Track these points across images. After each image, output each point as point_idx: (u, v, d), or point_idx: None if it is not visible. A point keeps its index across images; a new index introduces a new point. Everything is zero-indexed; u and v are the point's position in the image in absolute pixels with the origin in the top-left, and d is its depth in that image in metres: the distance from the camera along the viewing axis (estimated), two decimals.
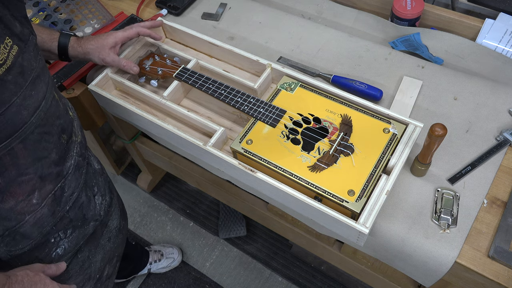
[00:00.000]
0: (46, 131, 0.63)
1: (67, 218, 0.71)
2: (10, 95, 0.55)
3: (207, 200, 1.71)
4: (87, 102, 1.05)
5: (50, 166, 0.65)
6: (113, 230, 0.88)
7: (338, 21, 1.15)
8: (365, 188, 0.75)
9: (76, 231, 0.74)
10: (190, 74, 0.94)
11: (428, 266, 0.77)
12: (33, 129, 0.60)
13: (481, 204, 0.79)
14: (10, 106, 0.55)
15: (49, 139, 0.64)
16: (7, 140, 0.56)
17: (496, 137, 0.86)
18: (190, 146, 0.89)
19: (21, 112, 0.57)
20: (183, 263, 1.57)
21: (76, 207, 0.73)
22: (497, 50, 1.01)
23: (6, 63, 0.53)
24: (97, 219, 0.79)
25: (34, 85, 0.59)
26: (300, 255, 1.53)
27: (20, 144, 0.59)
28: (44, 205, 0.66)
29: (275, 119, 0.85)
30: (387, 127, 0.83)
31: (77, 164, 0.72)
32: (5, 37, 0.54)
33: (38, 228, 0.67)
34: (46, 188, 0.65)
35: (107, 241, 0.85)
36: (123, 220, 0.94)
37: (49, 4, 1.18)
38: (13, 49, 0.55)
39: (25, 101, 0.57)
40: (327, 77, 0.98)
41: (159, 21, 1.05)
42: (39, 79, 0.61)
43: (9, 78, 0.54)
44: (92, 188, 0.79)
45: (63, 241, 0.72)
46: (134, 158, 1.55)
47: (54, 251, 0.71)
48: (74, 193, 0.72)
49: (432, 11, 1.09)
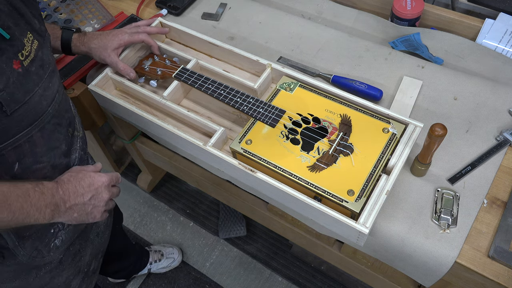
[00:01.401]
0: (58, 122, 0.68)
1: None
2: (33, 85, 0.59)
3: (207, 200, 1.71)
4: (87, 102, 1.05)
5: (60, 157, 0.69)
6: (101, 226, 0.90)
7: (338, 21, 1.15)
8: (365, 188, 0.75)
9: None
10: (190, 74, 0.94)
11: (428, 266, 0.77)
12: (49, 119, 0.64)
13: (481, 204, 0.79)
14: (33, 95, 0.59)
15: (61, 130, 0.69)
16: (28, 128, 0.60)
17: (496, 137, 0.86)
18: (190, 146, 0.89)
19: (41, 102, 0.61)
20: (183, 263, 1.57)
21: None
22: (497, 50, 1.01)
23: (30, 55, 0.58)
24: None
25: (51, 78, 0.64)
26: (300, 255, 1.53)
27: (38, 132, 0.63)
28: None
29: (275, 119, 0.85)
30: (386, 127, 0.83)
31: (80, 158, 0.75)
32: (27, 32, 0.59)
33: None
34: (55, 178, 0.68)
35: (95, 236, 0.88)
36: (111, 217, 0.97)
37: (49, 4, 1.18)
38: (34, 43, 0.59)
39: (45, 91, 0.62)
40: (327, 77, 0.98)
41: (166, 29, 1.05)
42: (54, 73, 0.65)
43: (33, 69, 0.59)
44: None
45: (61, 232, 0.74)
46: (134, 158, 1.55)
47: (53, 241, 0.74)
48: None
49: (432, 11, 1.09)
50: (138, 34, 0.97)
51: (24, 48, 0.57)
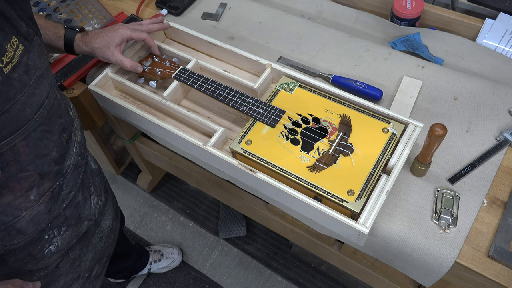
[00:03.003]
0: (48, 130, 0.64)
1: (63, 216, 0.72)
2: (15, 92, 0.56)
3: (207, 200, 1.71)
4: (87, 102, 1.05)
5: (50, 164, 0.66)
6: (105, 230, 0.88)
7: (338, 21, 1.15)
8: (365, 188, 0.75)
9: (70, 229, 0.75)
10: (189, 74, 0.94)
11: (428, 266, 0.77)
12: (35, 127, 0.61)
13: (481, 204, 0.79)
14: (15, 103, 0.56)
15: (50, 138, 0.65)
16: (10, 137, 0.57)
17: (496, 137, 0.86)
18: (190, 146, 0.89)
19: (25, 110, 0.58)
20: (183, 263, 1.57)
21: (72, 206, 0.73)
22: (497, 50, 1.01)
23: (12, 61, 0.55)
24: (91, 218, 0.80)
25: (38, 84, 0.60)
26: (300, 255, 1.53)
27: (22, 141, 0.60)
28: (41, 202, 0.66)
29: (274, 119, 0.85)
30: (386, 126, 0.83)
31: (76, 164, 0.73)
32: (12, 36, 0.55)
33: (34, 225, 0.67)
34: (44, 186, 0.66)
35: (98, 240, 0.86)
36: (115, 221, 0.95)
37: (49, 4, 1.18)
38: (19, 48, 0.56)
39: (29, 99, 0.59)
40: (327, 77, 0.98)
41: (167, 24, 1.04)
42: (43, 78, 0.62)
43: (15, 76, 0.56)
44: (88, 188, 0.79)
45: (56, 238, 0.73)
46: (134, 158, 1.55)
47: (47, 248, 0.72)
48: (71, 192, 0.72)
49: (432, 11, 1.09)
50: (141, 32, 0.96)
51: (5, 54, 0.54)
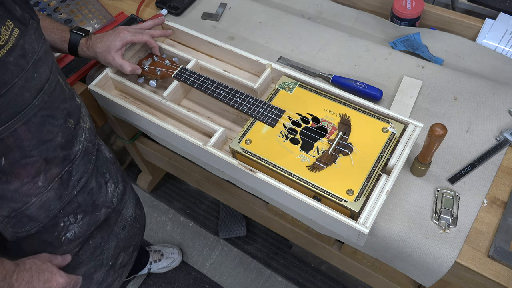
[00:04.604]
0: (50, 114, 0.64)
1: (75, 202, 0.72)
2: (11, 76, 0.56)
3: (207, 200, 1.71)
4: (87, 102, 1.05)
5: (56, 150, 0.66)
6: (128, 219, 0.89)
7: (338, 21, 1.15)
8: (364, 188, 0.75)
9: (87, 216, 0.75)
10: (189, 74, 0.94)
11: (428, 266, 0.77)
12: (36, 111, 0.61)
13: (481, 204, 0.79)
14: (11, 87, 0.56)
15: (53, 122, 0.65)
16: (9, 122, 0.57)
17: (496, 137, 0.86)
18: (190, 146, 0.89)
19: (23, 94, 0.58)
20: (183, 263, 1.57)
21: (85, 192, 0.74)
22: (497, 50, 1.01)
23: (7, 44, 0.55)
24: (109, 206, 0.80)
25: (36, 68, 0.60)
26: (300, 255, 1.53)
27: (23, 126, 0.59)
28: (50, 188, 0.67)
29: (274, 119, 0.85)
30: (385, 126, 0.83)
31: (85, 150, 0.73)
32: (7, 20, 0.55)
33: (45, 211, 0.68)
34: (52, 171, 0.66)
35: (121, 229, 0.87)
36: (139, 210, 0.95)
37: (49, 4, 1.18)
38: (14, 32, 0.56)
39: (27, 83, 0.58)
40: (327, 77, 0.98)
41: (169, 31, 1.04)
42: (42, 62, 0.62)
43: (11, 60, 0.55)
44: (104, 174, 0.80)
45: (73, 225, 0.73)
46: (134, 158, 1.55)
47: (64, 235, 0.72)
48: (82, 178, 0.72)
49: (432, 11, 1.09)
50: (142, 35, 0.96)
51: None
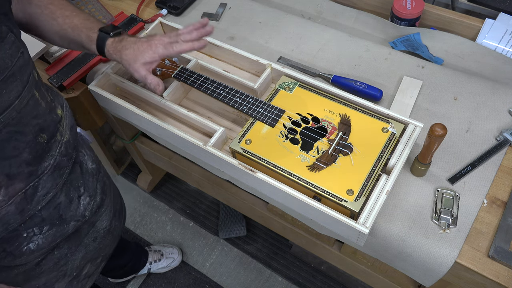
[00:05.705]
0: (18, 130, 0.62)
1: (39, 217, 0.70)
2: None
3: (207, 200, 1.71)
4: (87, 102, 1.05)
5: (20, 166, 0.64)
6: (100, 231, 0.86)
7: (338, 21, 1.15)
8: (364, 188, 0.75)
9: (54, 228, 0.73)
10: (189, 74, 0.94)
11: (428, 266, 0.77)
12: (0, 128, 0.59)
13: (481, 204, 0.79)
14: None
15: (20, 139, 0.63)
16: None
17: (496, 137, 0.86)
18: (190, 146, 0.89)
19: None
20: (183, 263, 1.57)
21: (51, 207, 0.71)
22: (497, 50, 1.01)
23: None
24: (79, 219, 0.77)
25: (6, 84, 0.58)
26: (300, 255, 1.53)
27: None
28: (11, 202, 0.64)
29: (274, 119, 0.85)
30: (385, 126, 0.83)
31: (57, 164, 0.70)
32: None
33: (3, 225, 0.65)
34: (15, 186, 0.64)
35: (92, 240, 0.84)
36: (116, 221, 0.92)
37: None
38: None
39: None
40: (327, 77, 0.98)
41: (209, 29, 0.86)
42: (14, 78, 0.59)
43: None
44: (78, 188, 0.77)
45: (37, 236, 0.71)
46: (134, 158, 1.55)
47: (26, 245, 0.70)
48: (49, 193, 0.70)
49: (432, 11, 1.09)
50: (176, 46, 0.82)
51: None
